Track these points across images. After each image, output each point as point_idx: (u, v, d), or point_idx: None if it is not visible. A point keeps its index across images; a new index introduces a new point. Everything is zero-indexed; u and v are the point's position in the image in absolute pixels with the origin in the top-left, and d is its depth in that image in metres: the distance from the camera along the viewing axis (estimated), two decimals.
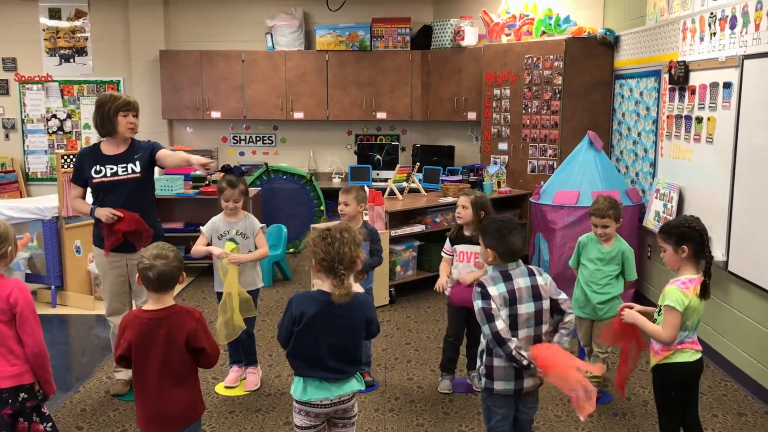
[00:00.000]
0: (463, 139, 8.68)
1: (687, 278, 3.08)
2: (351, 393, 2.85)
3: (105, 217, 4.03)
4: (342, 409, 2.85)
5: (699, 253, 3.09)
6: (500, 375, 3.01)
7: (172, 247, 2.88)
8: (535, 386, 3.05)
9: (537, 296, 3.02)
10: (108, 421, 4.01)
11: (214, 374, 4.60)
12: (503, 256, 3.01)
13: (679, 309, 3.01)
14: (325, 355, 2.77)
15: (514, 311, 2.97)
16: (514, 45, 7.28)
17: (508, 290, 2.97)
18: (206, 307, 6.04)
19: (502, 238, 2.99)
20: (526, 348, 2.99)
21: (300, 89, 8.44)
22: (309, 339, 2.77)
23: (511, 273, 3.01)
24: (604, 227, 4.18)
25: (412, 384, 4.53)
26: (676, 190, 5.28)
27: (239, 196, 4.25)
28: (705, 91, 4.88)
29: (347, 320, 2.78)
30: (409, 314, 5.96)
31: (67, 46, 8.83)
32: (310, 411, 2.81)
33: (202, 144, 8.86)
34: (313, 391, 2.79)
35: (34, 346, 2.92)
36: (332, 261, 2.71)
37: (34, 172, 9.03)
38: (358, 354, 2.87)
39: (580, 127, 6.68)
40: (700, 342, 3.07)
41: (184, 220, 7.15)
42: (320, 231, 2.77)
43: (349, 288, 2.73)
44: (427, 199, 6.75)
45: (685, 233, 3.09)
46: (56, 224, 6.04)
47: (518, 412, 3.12)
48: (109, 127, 4.12)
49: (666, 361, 3.13)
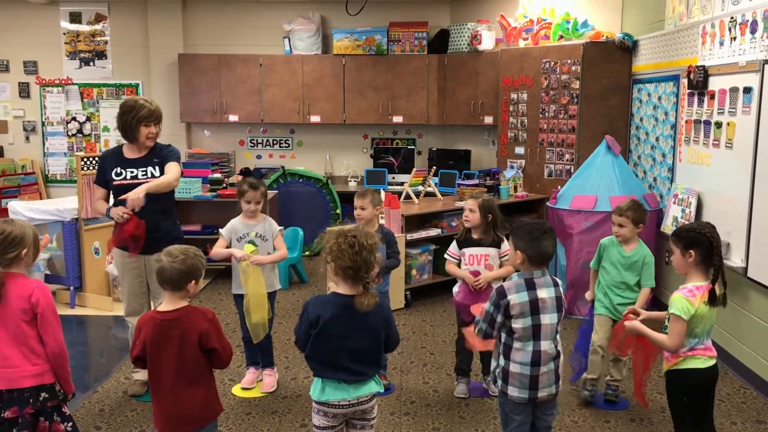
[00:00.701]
0: (479, 143, 8.67)
1: (694, 286, 3.06)
2: (369, 395, 2.85)
3: (117, 216, 4.08)
4: (360, 410, 2.85)
5: (707, 260, 3.05)
6: (515, 381, 3.01)
7: (191, 248, 2.91)
8: (550, 395, 3.04)
9: (560, 308, 3.03)
10: (126, 421, 4.04)
11: (231, 376, 4.63)
12: (533, 260, 2.99)
13: (684, 317, 2.99)
14: (343, 357, 2.78)
15: (537, 321, 2.97)
16: (531, 49, 7.27)
17: (530, 299, 2.96)
18: (223, 309, 6.07)
19: (533, 240, 2.98)
20: (547, 361, 2.99)
21: (317, 93, 8.48)
22: (326, 342, 2.77)
23: (535, 281, 3.00)
24: (619, 226, 4.15)
25: (427, 388, 4.53)
26: (695, 195, 5.24)
27: (260, 198, 4.28)
28: (724, 96, 4.85)
29: (364, 323, 2.78)
30: (425, 318, 5.96)
31: (87, 49, 8.92)
32: (328, 411, 2.82)
33: (220, 147, 8.91)
34: (331, 391, 2.80)
35: (54, 346, 2.95)
36: (358, 269, 2.71)
37: (53, 174, 9.13)
38: (377, 356, 2.87)
39: (597, 132, 6.66)
40: (717, 348, 3.03)
41: (202, 223, 7.20)
42: (346, 237, 2.73)
43: (375, 295, 2.74)
44: (443, 203, 6.75)
45: (695, 239, 3.06)
46: (75, 226, 6.10)
47: (536, 418, 3.11)
48: (130, 135, 4.18)
49: (676, 367, 3.11)
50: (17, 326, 2.91)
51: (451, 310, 6.06)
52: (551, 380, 3.02)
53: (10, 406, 2.91)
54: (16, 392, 2.92)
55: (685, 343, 3.07)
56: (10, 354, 2.92)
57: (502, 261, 4.26)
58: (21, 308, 2.90)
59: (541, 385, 3.00)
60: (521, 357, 2.99)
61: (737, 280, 4.70)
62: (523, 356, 2.99)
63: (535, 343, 2.97)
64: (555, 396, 3.08)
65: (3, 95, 9.00)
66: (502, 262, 4.26)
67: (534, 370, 2.98)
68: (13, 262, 2.95)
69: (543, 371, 2.99)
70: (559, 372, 3.06)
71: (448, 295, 4.56)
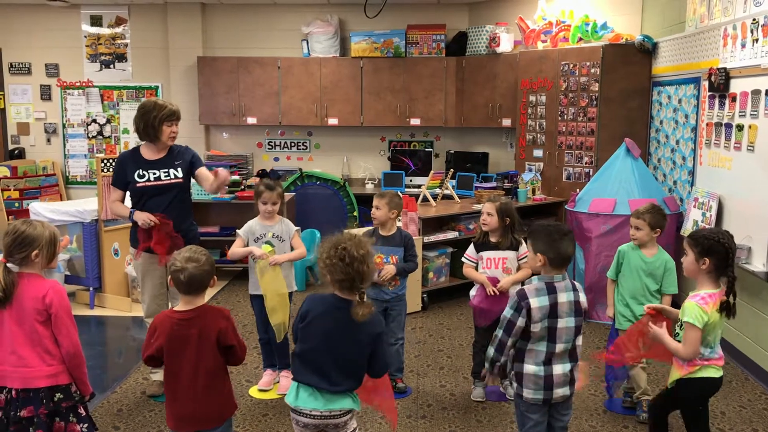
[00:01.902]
0: (497, 146, 8.64)
1: (706, 293, 3.03)
2: (342, 410, 2.77)
3: (142, 221, 4.10)
4: (333, 425, 2.77)
5: (720, 269, 3.03)
6: (529, 383, 3.01)
7: (204, 251, 2.93)
8: (565, 396, 3.03)
9: (578, 312, 3.02)
10: (144, 421, 4.06)
11: (248, 377, 4.64)
12: (553, 262, 2.98)
13: (699, 326, 2.96)
14: (325, 360, 2.74)
15: (554, 324, 2.96)
16: (550, 51, 7.23)
17: (550, 303, 2.96)
18: (240, 311, 6.10)
19: (553, 242, 2.97)
20: (563, 360, 2.98)
21: (335, 95, 8.49)
22: (311, 339, 2.75)
23: (556, 286, 2.99)
24: (636, 228, 4.06)
25: (444, 391, 4.52)
26: (716, 199, 5.19)
27: (277, 199, 4.29)
28: (746, 99, 4.79)
29: (352, 331, 2.73)
30: (442, 321, 5.94)
31: (108, 52, 9.01)
32: (299, 420, 2.78)
33: (238, 149, 8.95)
34: (304, 397, 2.75)
35: (69, 346, 2.97)
36: (352, 281, 2.71)
37: (74, 175, 9.22)
38: (359, 369, 2.79)
39: (616, 135, 6.61)
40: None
41: (219, 224, 7.23)
42: (336, 250, 2.71)
43: (370, 306, 2.72)
44: (461, 206, 6.73)
45: (713, 247, 3.03)
46: (95, 227, 6.15)
47: (552, 418, 3.10)
48: (152, 134, 4.20)
49: (692, 375, 3.08)
50: (32, 327, 2.93)
51: (468, 313, 6.04)
52: (566, 381, 3.01)
53: (26, 406, 2.93)
54: (32, 392, 2.94)
55: (702, 352, 3.04)
56: (25, 354, 2.93)
57: (520, 264, 4.24)
58: (35, 309, 2.92)
59: (556, 386, 2.99)
60: (534, 357, 2.98)
61: (759, 284, 4.64)
62: (536, 356, 2.98)
63: (549, 344, 2.97)
64: (570, 397, 3.07)
65: (25, 97, 9.11)
66: (520, 265, 4.24)
67: (548, 370, 2.98)
68: (23, 262, 2.96)
69: (557, 371, 2.98)
70: (575, 374, 3.05)
71: (465, 298, 4.54)
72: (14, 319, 2.94)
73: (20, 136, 9.16)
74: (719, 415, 4.16)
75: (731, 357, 4.97)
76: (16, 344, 2.94)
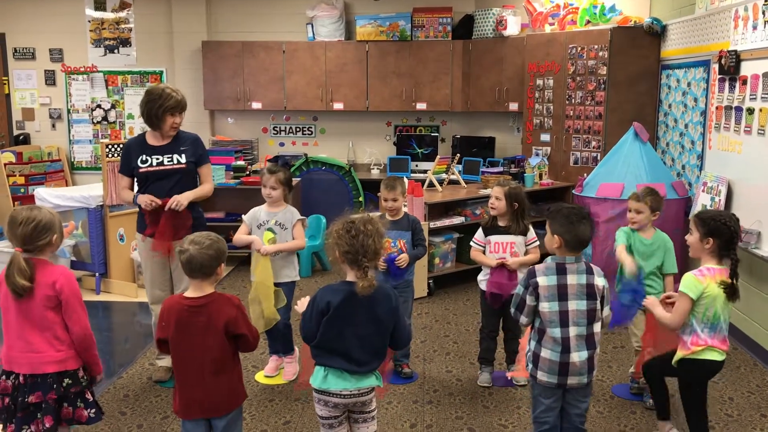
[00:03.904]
0: (504, 131, 8.58)
1: (706, 267, 3.11)
2: (369, 387, 2.82)
3: (144, 203, 4.09)
4: (360, 402, 2.83)
5: (723, 249, 3.10)
6: (544, 366, 3.01)
7: (215, 237, 2.90)
8: (582, 383, 3.01)
9: (591, 295, 2.99)
10: (150, 407, 4.07)
11: (254, 363, 4.64)
12: (569, 244, 2.99)
13: (691, 295, 3.05)
14: (351, 343, 2.76)
15: (564, 307, 2.96)
16: (557, 34, 7.16)
17: (559, 284, 2.97)
18: (245, 297, 6.08)
19: (571, 224, 2.97)
20: (579, 347, 2.96)
21: (340, 80, 8.43)
22: (335, 327, 2.76)
23: (567, 267, 2.99)
24: (637, 212, 4.02)
25: (450, 376, 4.50)
26: (725, 183, 5.14)
27: (275, 183, 4.25)
28: (757, 81, 4.73)
29: (371, 311, 2.76)
30: (448, 306, 5.92)
31: (112, 37, 8.96)
32: (329, 401, 2.81)
33: (243, 134, 8.92)
34: (333, 380, 2.78)
35: (80, 331, 2.97)
36: (356, 253, 2.71)
37: (79, 161, 9.20)
38: (382, 347, 2.83)
39: (624, 119, 6.55)
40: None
41: (225, 210, 7.22)
42: (344, 223, 2.77)
43: (372, 280, 2.73)
44: (467, 191, 6.69)
45: (718, 228, 3.09)
46: (101, 212, 6.14)
47: (567, 404, 3.09)
48: (155, 123, 4.18)
49: (694, 356, 3.13)
50: (41, 313, 2.92)
51: (474, 298, 6.02)
52: (583, 369, 2.98)
53: (34, 391, 2.93)
54: (40, 377, 2.94)
55: (702, 329, 3.09)
56: (34, 340, 2.93)
57: (528, 249, 4.22)
58: (45, 295, 2.91)
59: (572, 373, 2.98)
60: (552, 344, 2.98)
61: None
62: (553, 343, 2.98)
63: (562, 330, 2.96)
64: (588, 384, 3.04)
65: (29, 83, 9.08)
66: (528, 250, 4.22)
67: (564, 357, 2.96)
68: (43, 248, 2.95)
69: (574, 359, 2.96)
70: (594, 362, 3.02)
71: (471, 284, 4.52)
72: (24, 305, 2.94)
73: (25, 122, 9.14)
74: (727, 400, 4.14)
75: (739, 342, 4.94)
76: (24, 330, 2.94)
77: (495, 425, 3.86)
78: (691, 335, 3.14)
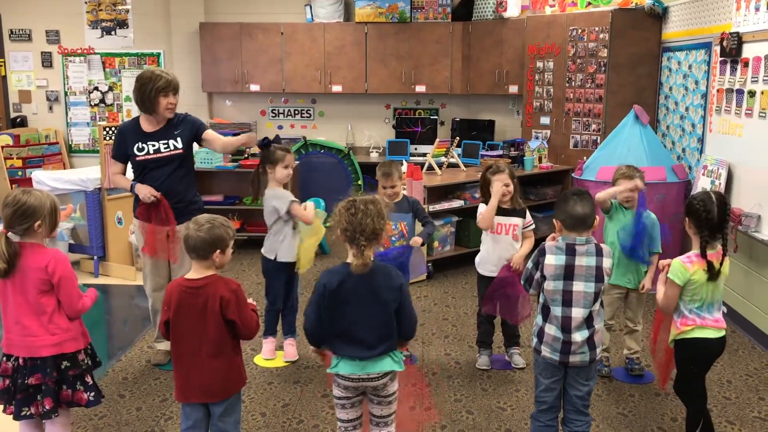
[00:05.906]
0: (503, 113, 8.54)
1: (694, 253, 3.12)
2: (381, 372, 2.78)
3: (143, 195, 4.05)
4: (372, 387, 2.81)
5: (701, 230, 3.08)
6: (548, 342, 3.04)
7: (219, 218, 2.86)
8: (584, 362, 3.02)
9: (599, 278, 3.02)
10: (149, 389, 4.07)
11: (252, 345, 4.64)
12: (566, 224, 3.03)
13: (678, 282, 3.08)
14: (357, 327, 2.75)
15: (569, 287, 2.99)
16: (558, 16, 7.10)
17: (566, 264, 2.99)
18: (245, 279, 6.10)
19: (563, 203, 3.04)
20: (581, 328, 2.98)
21: (338, 62, 8.38)
22: (339, 310, 2.74)
23: (576, 248, 3.01)
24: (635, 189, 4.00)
25: (449, 359, 4.51)
26: (725, 166, 5.12)
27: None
28: (759, 64, 4.70)
29: (372, 290, 2.75)
30: (447, 290, 5.92)
31: (109, 18, 8.88)
32: (340, 383, 2.83)
33: (242, 117, 8.87)
34: (343, 365, 2.80)
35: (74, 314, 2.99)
36: (354, 231, 2.71)
37: (77, 144, 9.16)
38: (389, 328, 2.80)
39: (625, 102, 6.52)
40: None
41: (223, 193, 7.19)
42: (347, 202, 2.79)
43: (367, 259, 2.72)
44: (466, 174, 6.66)
45: (690, 207, 3.13)
46: (98, 195, 6.12)
47: (569, 386, 3.09)
48: (149, 106, 4.12)
49: (684, 336, 3.15)
50: (35, 297, 2.92)
51: (472, 282, 6.01)
52: (584, 348, 2.99)
53: (34, 374, 2.94)
54: (39, 360, 2.94)
55: (689, 310, 3.12)
56: (29, 324, 2.94)
57: (524, 232, 4.21)
58: (39, 279, 2.91)
59: (573, 353, 2.99)
60: (555, 322, 3.01)
61: None
62: (556, 321, 3.01)
63: (564, 309, 2.99)
64: (590, 363, 3.04)
65: (26, 65, 9.01)
66: (524, 234, 4.20)
67: (567, 337, 2.99)
68: (26, 232, 2.94)
69: (576, 338, 2.98)
70: (594, 340, 3.02)
71: (470, 267, 4.51)
72: (18, 289, 2.94)
73: (22, 104, 9.08)
74: (725, 383, 4.14)
75: (738, 325, 4.94)
76: (20, 314, 2.94)
77: (493, 408, 3.86)
78: (680, 317, 3.18)
